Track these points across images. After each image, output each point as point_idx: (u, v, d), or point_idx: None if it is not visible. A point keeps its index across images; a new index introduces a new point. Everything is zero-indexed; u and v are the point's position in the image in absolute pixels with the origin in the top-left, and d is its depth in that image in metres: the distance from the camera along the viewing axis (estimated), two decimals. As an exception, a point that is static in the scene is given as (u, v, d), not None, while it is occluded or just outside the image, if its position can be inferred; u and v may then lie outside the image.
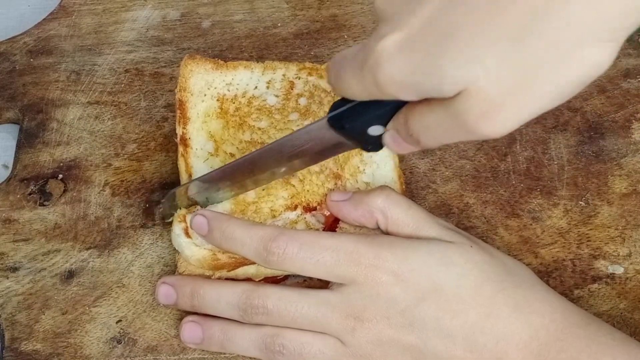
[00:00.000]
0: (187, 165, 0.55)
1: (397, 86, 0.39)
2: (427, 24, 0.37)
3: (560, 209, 0.59)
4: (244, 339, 0.51)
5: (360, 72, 0.40)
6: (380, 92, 0.40)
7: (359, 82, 0.40)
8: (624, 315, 0.54)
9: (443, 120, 0.39)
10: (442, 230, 0.51)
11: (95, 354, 0.53)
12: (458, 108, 0.37)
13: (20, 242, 0.58)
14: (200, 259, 0.52)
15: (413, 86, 0.38)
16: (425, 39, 0.37)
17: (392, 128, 0.44)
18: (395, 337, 0.49)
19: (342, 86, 0.42)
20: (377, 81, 0.39)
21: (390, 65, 0.38)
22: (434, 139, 0.41)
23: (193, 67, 0.59)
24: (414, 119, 0.41)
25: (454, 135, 0.40)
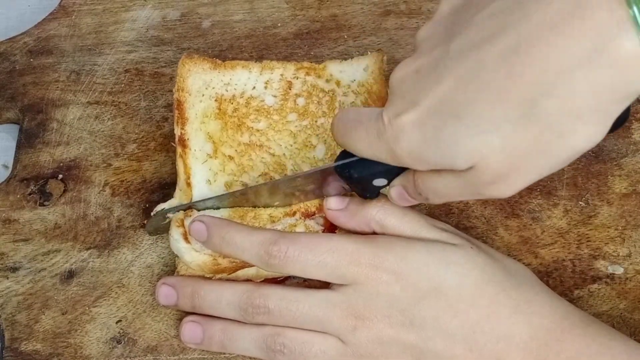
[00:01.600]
0: (185, 166, 0.55)
1: (412, 159, 0.43)
2: (442, 102, 0.41)
3: (560, 209, 0.59)
4: (244, 338, 0.51)
5: (375, 140, 0.45)
6: (393, 160, 0.45)
7: (373, 148, 0.45)
8: (623, 316, 0.54)
9: (453, 186, 0.44)
10: (441, 233, 0.51)
11: (95, 354, 0.53)
12: (468, 179, 0.42)
13: (20, 242, 0.58)
14: (200, 264, 0.53)
15: (426, 160, 0.43)
16: (440, 117, 0.41)
17: (399, 185, 0.48)
18: (395, 336, 0.49)
19: (351, 145, 0.47)
20: (393, 152, 0.44)
21: (407, 141, 0.43)
22: (442, 198, 0.46)
23: (191, 67, 0.59)
24: (424, 182, 0.46)
25: (462, 196, 0.45)
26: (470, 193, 0.44)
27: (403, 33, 0.70)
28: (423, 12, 0.71)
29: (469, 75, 0.39)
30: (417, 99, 0.42)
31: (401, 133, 0.43)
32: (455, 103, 0.40)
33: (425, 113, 0.41)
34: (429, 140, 0.42)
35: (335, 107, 0.59)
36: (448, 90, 0.40)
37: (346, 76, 0.60)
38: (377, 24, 0.71)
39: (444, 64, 0.41)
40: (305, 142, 0.57)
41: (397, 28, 0.70)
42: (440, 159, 0.42)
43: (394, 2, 0.72)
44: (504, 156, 0.40)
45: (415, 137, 0.42)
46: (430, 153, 0.42)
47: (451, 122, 0.40)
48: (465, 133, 0.40)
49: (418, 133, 0.42)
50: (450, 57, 0.40)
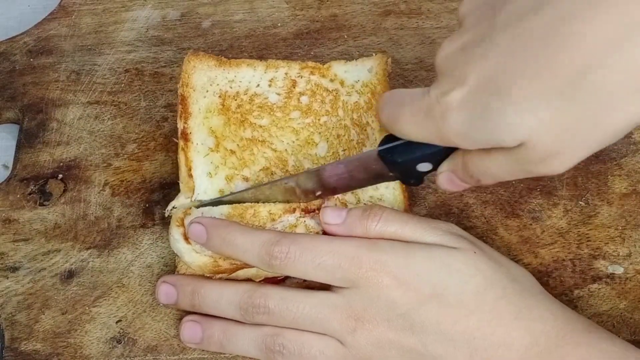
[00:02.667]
0: (187, 159, 0.55)
1: (461, 138, 0.43)
2: (486, 80, 0.40)
3: (560, 209, 0.59)
4: (244, 338, 0.51)
5: (422, 120, 0.44)
6: (441, 141, 0.44)
7: (420, 128, 0.44)
8: (623, 315, 0.54)
9: (504, 165, 0.43)
10: (445, 236, 0.51)
11: (95, 354, 0.53)
12: (518, 156, 0.41)
13: (20, 242, 0.58)
14: (201, 265, 0.53)
15: (475, 138, 0.42)
16: (485, 95, 0.40)
17: (448, 170, 0.47)
18: (395, 340, 0.49)
19: (397, 126, 0.46)
20: (441, 132, 0.43)
21: (455, 119, 0.42)
22: (494, 178, 0.45)
23: (196, 64, 0.59)
24: (474, 163, 0.45)
25: (513, 176, 0.44)
26: (522, 171, 0.43)
27: (403, 33, 0.70)
28: (423, 12, 0.71)
29: (515, 48, 0.39)
30: (463, 76, 0.41)
31: (448, 112, 0.42)
32: (501, 79, 0.40)
33: (472, 90, 0.41)
34: (476, 118, 0.41)
35: (338, 106, 0.59)
36: (494, 66, 0.40)
37: (350, 76, 0.60)
38: (377, 24, 0.71)
39: (490, 38, 0.40)
40: (308, 140, 0.57)
41: (397, 28, 0.70)
42: (488, 137, 0.41)
43: (393, 2, 0.72)
44: (554, 131, 0.39)
45: (462, 115, 0.41)
46: (478, 131, 0.41)
47: (499, 98, 0.40)
48: (513, 109, 0.39)
49: (465, 111, 0.41)
50: (496, 31, 0.40)
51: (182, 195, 0.55)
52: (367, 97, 0.59)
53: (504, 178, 0.45)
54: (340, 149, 0.57)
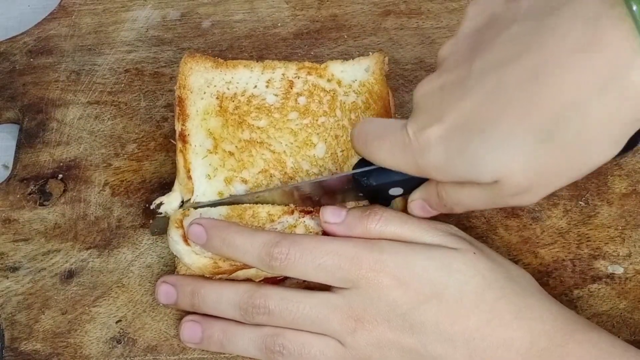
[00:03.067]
0: (185, 161, 0.55)
1: (437, 171, 0.45)
2: (466, 118, 0.42)
3: (560, 209, 0.59)
4: (243, 338, 0.51)
5: (399, 152, 0.46)
6: (418, 172, 0.46)
7: (397, 160, 0.46)
8: (623, 315, 0.54)
9: (477, 197, 0.45)
10: (444, 237, 0.51)
11: (95, 354, 0.53)
12: (492, 191, 0.44)
13: (20, 242, 0.58)
14: (201, 267, 0.53)
15: (452, 173, 0.44)
16: (465, 132, 0.42)
17: (421, 198, 0.50)
18: (394, 340, 0.49)
19: (373, 155, 0.48)
20: (418, 165, 0.45)
21: (433, 155, 0.44)
22: (467, 208, 0.48)
23: (193, 65, 0.59)
24: (448, 194, 0.47)
25: (486, 206, 0.46)
26: (494, 203, 0.45)
27: (403, 33, 0.70)
28: (423, 12, 0.71)
29: (492, 94, 0.41)
30: (441, 114, 0.43)
31: (427, 146, 0.44)
32: (479, 119, 0.42)
33: (450, 128, 0.43)
34: (454, 155, 0.43)
35: (336, 106, 0.59)
36: (472, 107, 0.42)
37: (347, 76, 0.60)
38: (377, 24, 0.71)
39: (468, 82, 0.42)
40: (306, 141, 0.57)
41: (397, 28, 0.70)
42: (465, 173, 0.43)
43: (393, 2, 0.72)
44: (528, 171, 0.41)
45: (440, 151, 0.44)
46: (456, 167, 0.43)
47: (476, 137, 0.42)
48: (490, 149, 0.41)
49: (443, 147, 0.43)
50: (474, 76, 0.42)
51: (173, 193, 0.55)
52: (365, 97, 0.59)
53: (476, 208, 0.48)
54: (338, 149, 0.57)
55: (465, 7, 0.70)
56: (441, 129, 0.43)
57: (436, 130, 0.44)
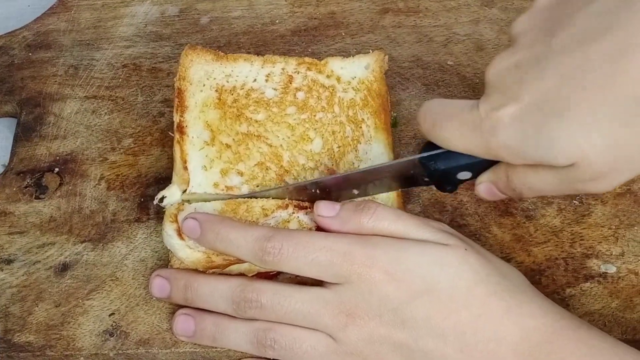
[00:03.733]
0: (182, 152, 0.56)
1: (509, 153, 0.43)
2: (542, 99, 0.41)
3: (554, 208, 0.59)
4: (236, 332, 0.51)
5: (470, 133, 0.44)
6: (487, 154, 0.44)
7: (466, 141, 0.45)
8: (615, 315, 0.54)
9: (550, 182, 0.44)
10: (436, 233, 0.51)
11: (88, 347, 0.53)
12: (567, 175, 0.42)
13: (16, 234, 0.59)
14: (194, 261, 0.53)
15: (525, 155, 0.43)
16: (539, 113, 0.41)
17: (489, 181, 0.48)
18: (386, 335, 0.49)
19: (441, 136, 0.47)
20: (488, 146, 0.44)
21: (506, 135, 0.42)
22: (537, 193, 0.46)
23: (193, 57, 0.59)
24: (519, 177, 0.45)
25: (557, 192, 0.45)
26: (567, 189, 0.44)
27: (401, 31, 0.70)
28: (421, 10, 0.71)
29: (573, 72, 0.40)
30: (517, 94, 0.42)
31: (499, 126, 0.43)
32: (558, 100, 0.40)
33: (526, 108, 0.41)
34: (528, 136, 0.42)
35: (334, 102, 0.59)
36: (551, 87, 0.40)
37: (347, 73, 0.60)
38: (375, 21, 0.71)
39: (547, 60, 0.41)
40: (303, 135, 0.58)
41: (394, 26, 0.70)
42: (539, 155, 0.42)
43: (392, 0, 0.72)
44: (607, 155, 0.40)
45: (514, 131, 0.42)
46: (530, 149, 0.42)
47: (553, 119, 0.40)
48: (568, 131, 0.40)
49: (517, 128, 0.42)
50: (553, 53, 0.41)
51: (173, 186, 0.55)
52: (363, 94, 0.59)
53: (547, 193, 0.46)
54: (335, 145, 0.57)
55: (462, 6, 0.71)
56: (516, 109, 0.42)
57: (511, 110, 0.42)
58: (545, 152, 0.41)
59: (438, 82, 0.66)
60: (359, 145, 0.58)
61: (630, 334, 0.53)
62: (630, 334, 0.53)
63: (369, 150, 0.58)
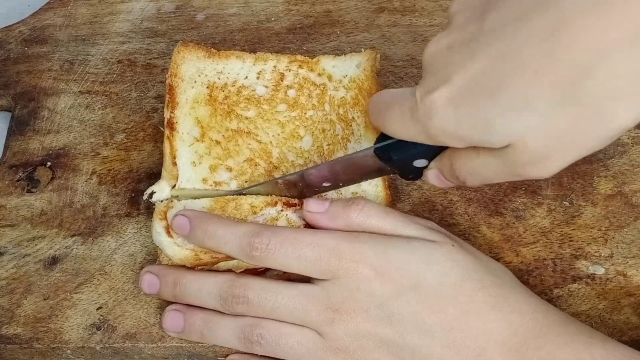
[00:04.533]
0: (172, 148, 0.56)
1: (447, 136, 0.42)
2: (476, 79, 0.40)
3: (544, 209, 0.58)
4: (223, 328, 0.52)
5: (408, 119, 0.43)
6: (429, 139, 0.43)
7: (407, 128, 0.44)
8: (602, 316, 0.54)
9: (490, 166, 0.42)
10: (424, 230, 0.51)
11: (75, 340, 0.54)
12: (506, 158, 0.41)
13: (6, 227, 0.59)
14: (182, 259, 0.53)
15: (462, 137, 0.42)
16: (475, 94, 0.40)
17: (436, 167, 0.47)
18: (372, 331, 0.49)
19: (385, 126, 0.46)
20: (427, 131, 0.43)
21: (440, 118, 0.41)
22: (480, 179, 0.45)
23: (185, 54, 0.59)
24: (460, 163, 0.44)
25: (500, 177, 0.43)
26: (507, 174, 0.42)
27: (396, 30, 0.70)
28: (416, 10, 0.71)
29: (504, 53, 0.38)
30: (449, 75, 0.41)
31: (433, 110, 0.42)
32: (489, 81, 0.39)
33: (458, 90, 0.40)
34: (462, 118, 0.40)
35: (325, 100, 0.59)
36: (482, 68, 0.39)
37: (338, 71, 0.60)
38: (370, 20, 0.71)
39: (478, 40, 0.40)
40: (293, 133, 0.58)
41: (390, 25, 0.70)
42: (475, 136, 0.41)
43: (387, -1, 0.72)
44: (542, 136, 0.39)
45: (448, 114, 0.41)
46: (465, 131, 0.41)
47: (486, 100, 0.39)
48: (501, 112, 0.39)
49: (451, 110, 0.41)
50: (485, 33, 0.39)
51: (162, 181, 0.55)
52: (354, 93, 0.59)
53: (490, 179, 0.44)
54: (325, 143, 0.57)
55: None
56: (449, 91, 0.41)
57: (443, 93, 0.41)
58: (481, 133, 0.40)
59: (431, 82, 0.66)
60: (348, 144, 0.58)
61: (617, 335, 0.53)
62: (617, 335, 0.53)
63: (358, 148, 0.58)
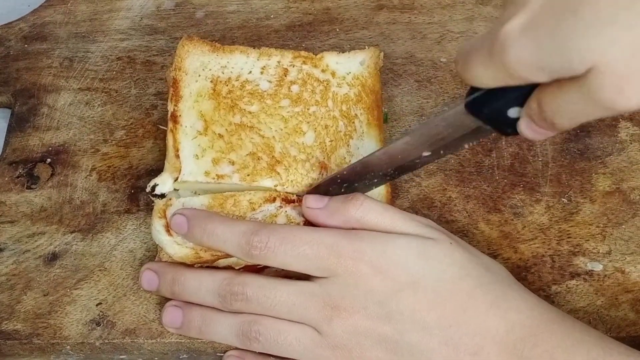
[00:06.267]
0: (175, 141, 0.56)
1: (526, 68, 0.39)
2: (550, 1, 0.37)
3: (542, 205, 0.59)
4: (222, 325, 0.52)
5: (487, 59, 0.40)
6: (510, 77, 0.40)
7: (488, 69, 0.40)
8: (600, 312, 0.54)
9: (577, 100, 0.38)
10: (422, 227, 0.51)
11: (74, 335, 0.54)
12: (590, 86, 0.37)
13: (6, 223, 0.59)
14: (182, 257, 0.53)
15: (542, 67, 0.38)
16: (549, 17, 0.37)
17: (526, 114, 0.43)
18: (370, 328, 0.49)
19: (471, 75, 0.42)
20: (505, 66, 0.39)
21: (516, 48, 0.38)
22: (569, 119, 0.41)
23: (190, 48, 0.60)
24: (547, 101, 0.40)
25: (589, 113, 0.39)
26: (593, 106, 0.38)
27: (395, 27, 0.70)
28: (415, 7, 0.71)
29: None
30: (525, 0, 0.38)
31: (510, 40, 0.38)
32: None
33: (534, 12, 0.38)
34: (540, 42, 0.37)
35: (328, 97, 0.59)
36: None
37: (342, 68, 0.61)
38: (369, 18, 0.71)
39: None
40: (296, 128, 0.58)
41: (389, 22, 0.70)
42: (555, 62, 0.37)
43: (387, -4, 0.72)
44: (629, 53, 0.35)
45: (524, 41, 0.38)
46: (543, 56, 0.38)
47: (565, 17, 0.36)
48: (582, 28, 0.36)
49: (528, 36, 0.38)
50: None
51: (165, 174, 0.55)
52: (357, 90, 0.60)
53: (577, 116, 0.40)
54: (327, 139, 0.58)
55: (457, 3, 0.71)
56: (525, 17, 0.38)
57: (519, 19, 0.38)
58: (560, 58, 0.37)
59: (430, 79, 0.66)
60: (350, 141, 0.58)
61: (615, 331, 0.53)
62: (615, 331, 0.53)
63: (360, 146, 0.58)
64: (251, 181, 0.55)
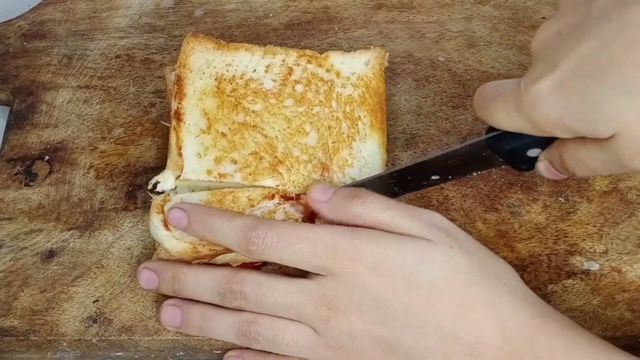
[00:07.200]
0: (178, 138, 0.56)
1: (552, 125, 0.41)
2: (585, 62, 0.39)
3: (539, 205, 0.59)
4: (221, 323, 0.52)
5: (513, 110, 0.43)
6: (533, 129, 0.43)
7: (511, 119, 0.44)
8: (596, 312, 0.54)
9: (598, 157, 0.41)
10: (423, 227, 0.50)
11: (71, 332, 0.54)
12: (612, 148, 0.39)
13: (4, 220, 0.59)
14: (180, 252, 0.53)
15: (568, 127, 0.41)
16: (579, 82, 0.39)
17: (546, 159, 0.46)
18: (367, 330, 0.49)
19: (493, 119, 0.45)
20: (532, 121, 0.42)
21: (544, 107, 0.41)
22: (589, 171, 0.44)
23: (195, 45, 0.60)
24: (569, 154, 0.43)
25: (608, 170, 0.42)
26: (615, 165, 0.41)
27: (393, 26, 0.70)
28: (414, 6, 0.71)
29: (613, 34, 0.38)
30: (557, 61, 0.40)
31: (538, 98, 0.41)
32: (598, 64, 0.38)
33: (565, 75, 0.40)
34: (568, 104, 0.40)
35: (332, 97, 0.59)
36: (590, 51, 0.39)
37: (347, 68, 0.60)
38: (368, 17, 0.71)
39: (587, 24, 0.39)
40: (299, 128, 0.58)
41: (387, 21, 0.70)
42: (581, 126, 0.40)
43: (385, -5, 0.72)
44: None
45: (553, 102, 0.40)
46: (571, 119, 0.40)
47: (593, 83, 0.38)
48: (609, 95, 0.38)
49: (557, 98, 0.40)
50: (594, 17, 0.39)
51: (167, 171, 0.55)
52: (361, 91, 0.59)
53: (598, 171, 0.43)
54: (330, 140, 0.57)
55: (455, 3, 0.71)
56: (555, 79, 0.40)
57: (550, 80, 0.40)
58: (586, 121, 0.39)
59: (429, 78, 0.66)
60: (353, 143, 0.58)
61: (611, 331, 0.53)
62: (611, 331, 0.53)
63: (362, 148, 0.58)
64: (253, 181, 0.55)
